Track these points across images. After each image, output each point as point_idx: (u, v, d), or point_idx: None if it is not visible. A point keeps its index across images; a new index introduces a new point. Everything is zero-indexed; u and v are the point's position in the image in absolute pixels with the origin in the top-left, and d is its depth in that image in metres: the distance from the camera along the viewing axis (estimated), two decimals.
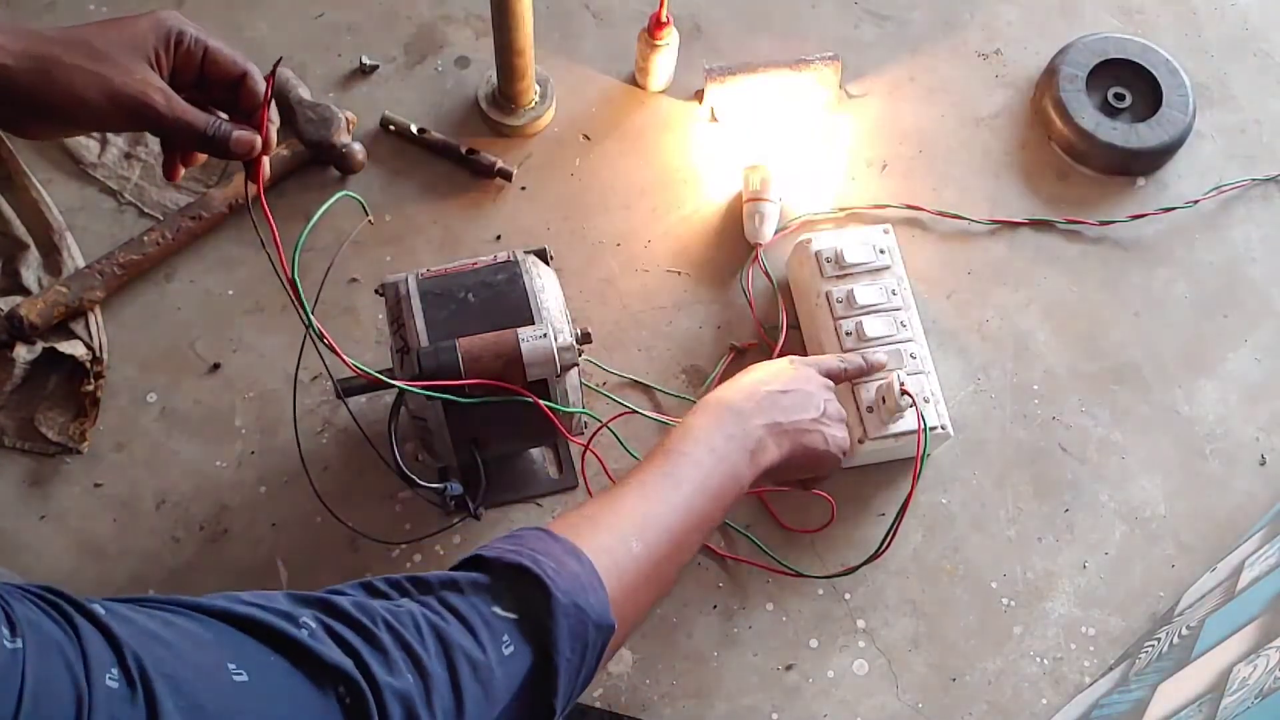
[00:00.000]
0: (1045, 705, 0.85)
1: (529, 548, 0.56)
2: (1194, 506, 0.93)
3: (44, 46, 0.55)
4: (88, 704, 0.37)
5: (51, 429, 0.87)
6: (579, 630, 0.54)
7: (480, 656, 0.51)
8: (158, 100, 0.58)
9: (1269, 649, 0.64)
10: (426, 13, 1.08)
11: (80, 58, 0.56)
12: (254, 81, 0.63)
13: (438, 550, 0.86)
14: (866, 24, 1.12)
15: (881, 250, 0.92)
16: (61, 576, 0.83)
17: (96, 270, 0.91)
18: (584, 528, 0.61)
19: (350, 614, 0.49)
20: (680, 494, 0.66)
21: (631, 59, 1.05)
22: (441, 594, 0.53)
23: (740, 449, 0.71)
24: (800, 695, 0.84)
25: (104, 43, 0.57)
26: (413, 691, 0.47)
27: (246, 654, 0.44)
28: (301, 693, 0.45)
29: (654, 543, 0.63)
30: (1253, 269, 1.03)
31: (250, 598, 0.48)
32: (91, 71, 0.56)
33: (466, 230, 0.98)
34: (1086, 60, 1.07)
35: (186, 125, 0.60)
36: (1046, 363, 0.97)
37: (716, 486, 0.68)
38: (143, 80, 0.58)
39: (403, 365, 0.73)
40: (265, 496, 0.87)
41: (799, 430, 0.75)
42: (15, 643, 0.37)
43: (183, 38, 0.60)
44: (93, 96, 0.56)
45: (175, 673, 0.41)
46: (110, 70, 0.56)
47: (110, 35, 0.57)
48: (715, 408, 0.73)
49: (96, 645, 0.39)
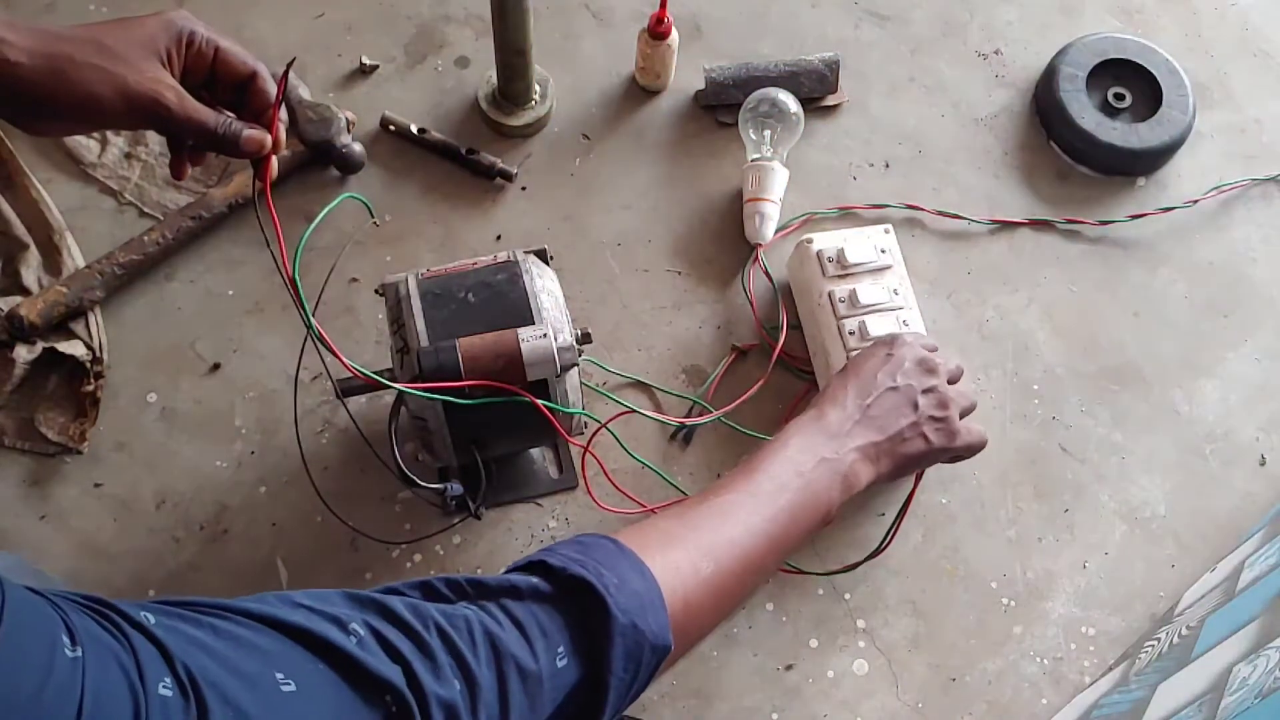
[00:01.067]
0: (1045, 705, 0.85)
1: (594, 559, 0.55)
2: (1194, 506, 0.93)
3: (57, 45, 0.56)
4: (144, 711, 0.37)
5: (51, 429, 0.87)
6: (634, 651, 0.54)
7: (532, 666, 0.51)
8: (170, 99, 0.58)
9: (1269, 649, 0.64)
10: (426, 13, 1.08)
11: (93, 56, 0.56)
12: (264, 81, 0.63)
13: (437, 550, 0.86)
14: (866, 24, 1.12)
15: (883, 250, 0.92)
16: (61, 576, 0.83)
17: (96, 270, 0.91)
18: (655, 542, 0.59)
19: (403, 617, 0.48)
20: (761, 517, 0.64)
21: (631, 59, 1.05)
22: (501, 600, 0.53)
23: (830, 474, 0.69)
24: (800, 695, 0.84)
25: (116, 42, 0.57)
26: (458, 700, 0.47)
27: (295, 663, 0.44)
28: (348, 704, 0.45)
29: (727, 566, 0.61)
30: (1253, 269, 1.03)
31: (304, 599, 0.47)
32: (104, 70, 0.56)
33: (466, 230, 0.98)
34: (1086, 60, 1.07)
35: (198, 124, 0.60)
36: (1046, 363, 0.97)
37: (801, 513, 0.66)
38: (155, 79, 0.58)
39: (403, 365, 0.73)
40: (265, 496, 0.87)
41: (896, 441, 0.73)
42: (76, 651, 0.37)
43: (194, 38, 0.61)
44: (105, 95, 0.56)
45: (222, 681, 0.41)
46: (123, 69, 0.57)
47: (122, 34, 0.58)
48: (809, 427, 0.71)
49: (149, 654, 0.39)
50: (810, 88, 1.04)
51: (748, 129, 1.00)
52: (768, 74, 1.03)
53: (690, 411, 0.92)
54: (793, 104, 1.00)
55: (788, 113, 0.99)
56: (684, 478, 0.90)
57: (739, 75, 1.03)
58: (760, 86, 1.01)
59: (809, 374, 0.94)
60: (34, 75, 0.55)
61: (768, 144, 0.99)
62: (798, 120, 1.00)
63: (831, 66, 1.04)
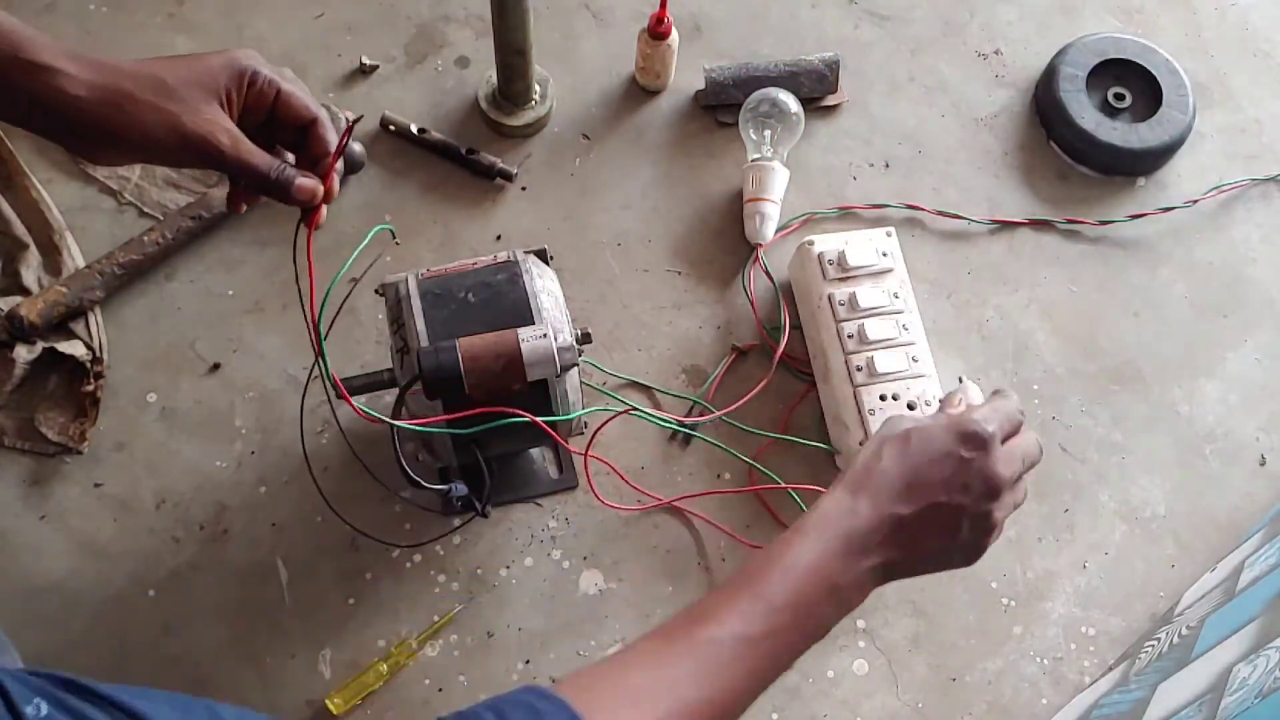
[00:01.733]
0: (1045, 705, 0.85)
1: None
2: (1194, 506, 0.93)
3: (118, 80, 0.56)
4: None
5: (51, 429, 0.87)
6: None
7: None
8: (223, 141, 0.59)
9: (1269, 649, 0.64)
10: (426, 13, 1.08)
11: (151, 94, 0.56)
12: (323, 128, 0.63)
13: (438, 550, 0.86)
14: (866, 24, 1.12)
15: (884, 253, 0.92)
16: (61, 576, 0.83)
17: (96, 270, 0.91)
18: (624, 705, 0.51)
19: None
20: (747, 669, 0.55)
21: (631, 59, 1.05)
22: None
23: (837, 604, 0.59)
24: (800, 695, 0.84)
25: (177, 80, 0.57)
26: None
27: None
28: None
29: None
30: (1253, 269, 1.03)
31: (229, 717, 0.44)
32: (161, 108, 0.57)
33: (466, 230, 0.98)
34: (1086, 60, 1.07)
35: (251, 168, 0.60)
36: (1046, 363, 0.97)
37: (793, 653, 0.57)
38: (210, 120, 0.58)
39: (403, 365, 0.73)
40: (265, 496, 0.87)
41: (915, 562, 0.60)
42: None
43: (256, 78, 0.60)
44: (161, 134, 0.57)
45: None
46: (180, 108, 0.57)
47: (184, 72, 0.58)
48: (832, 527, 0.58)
49: None
50: (810, 88, 1.04)
51: (748, 129, 1.00)
52: (768, 74, 1.03)
53: (690, 412, 0.92)
54: (793, 104, 1.00)
55: (788, 113, 0.99)
56: (684, 478, 0.90)
57: (739, 75, 1.03)
58: (760, 86, 1.01)
59: (809, 375, 0.94)
60: (93, 109, 0.55)
61: (768, 144, 0.99)
62: (798, 120, 1.00)
63: (831, 66, 1.05)
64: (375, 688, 0.81)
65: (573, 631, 0.85)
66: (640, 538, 0.88)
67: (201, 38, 1.04)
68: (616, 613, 0.86)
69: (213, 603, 0.83)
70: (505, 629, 0.84)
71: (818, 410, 0.93)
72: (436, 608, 0.85)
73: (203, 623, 0.83)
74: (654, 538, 0.88)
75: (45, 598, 0.83)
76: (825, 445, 0.91)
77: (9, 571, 0.83)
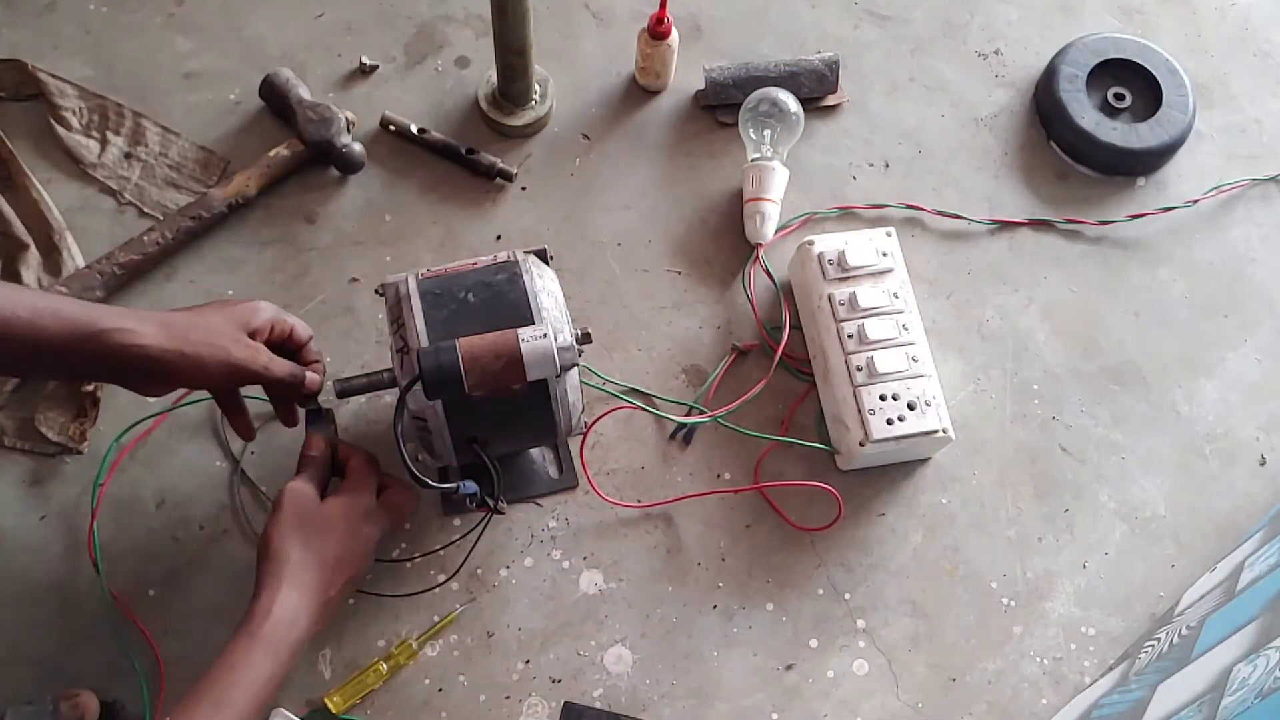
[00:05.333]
0: (1045, 705, 0.85)
1: None
2: (1194, 506, 0.93)
3: (176, 328, 0.70)
4: None
5: (51, 429, 0.87)
6: None
7: None
8: (261, 361, 0.73)
9: (1269, 649, 0.64)
10: (426, 13, 1.08)
11: (204, 335, 0.71)
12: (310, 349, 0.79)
13: (438, 551, 0.86)
14: (866, 24, 1.12)
15: (884, 253, 0.92)
16: (61, 576, 0.83)
17: (96, 270, 0.91)
18: None
19: None
20: None
21: (631, 59, 1.05)
22: None
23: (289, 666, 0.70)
24: (800, 695, 0.84)
25: (223, 324, 0.72)
26: None
27: None
28: None
29: None
30: (1253, 269, 1.03)
31: None
32: (214, 345, 0.71)
33: (466, 230, 0.98)
34: (1086, 60, 1.07)
35: (281, 378, 0.75)
36: (1046, 363, 0.98)
37: None
38: (251, 347, 0.73)
39: (403, 365, 0.73)
40: (265, 496, 0.87)
41: None
42: None
43: (276, 322, 0.76)
44: (213, 365, 0.71)
45: None
46: (228, 343, 0.72)
47: (226, 317, 0.73)
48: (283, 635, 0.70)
49: None
50: (810, 88, 1.04)
51: (748, 129, 1.00)
52: (768, 74, 1.03)
53: (690, 413, 0.92)
54: (793, 104, 1.00)
55: (788, 113, 0.99)
56: (684, 478, 0.90)
57: (739, 75, 1.03)
58: (760, 86, 1.01)
59: (809, 375, 0.94)
60: (163, 356, 0.69)
61: (768, 144, 0.99)
62: (798, 120, 1.00)
63: (831, 66, 1.05)
64: (375, 687, 0.81)
65: (573, 631, 0.85)
66: (640, 538, 0.88)
67: (201, 38, 1.04)
68: (616, 613, 0.86)
69: (213, 603, 0.83)
70: (505, 629, 0.85)
71: (818, 410, 0.93)
72: (437, 608, 0.85)
73: (203, 623, 0.83)
74: (654, 538, 0.88)
75: (45, 598, 0.83)
76: (825, 445, 0.91)
77: (9, 571, 0.83)
